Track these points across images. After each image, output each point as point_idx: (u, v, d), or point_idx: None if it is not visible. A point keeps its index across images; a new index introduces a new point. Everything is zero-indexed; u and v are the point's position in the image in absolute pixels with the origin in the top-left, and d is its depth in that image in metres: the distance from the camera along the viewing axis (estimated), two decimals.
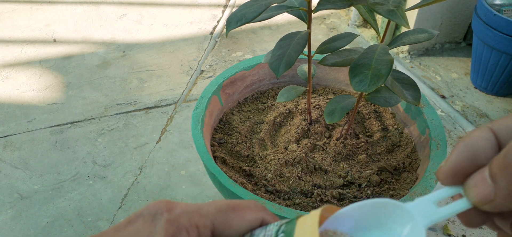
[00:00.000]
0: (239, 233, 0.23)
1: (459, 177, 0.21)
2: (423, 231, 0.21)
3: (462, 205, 0.21)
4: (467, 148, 0.20)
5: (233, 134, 0.77)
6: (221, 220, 0.23)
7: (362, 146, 0.73)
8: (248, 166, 0.71)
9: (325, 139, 0.74)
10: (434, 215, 0.21)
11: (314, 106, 0.79)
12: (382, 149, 0.74)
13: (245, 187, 0.65)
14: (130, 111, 1.24)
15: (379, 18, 1.50)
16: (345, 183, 0.68)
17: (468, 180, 0.20)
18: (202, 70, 1.41)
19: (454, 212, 0.21)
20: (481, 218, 0.21)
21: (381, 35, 0.87)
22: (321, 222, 0.22)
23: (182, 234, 0.22)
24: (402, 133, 0.77)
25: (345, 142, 0.72)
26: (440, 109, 1.24)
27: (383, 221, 0.23)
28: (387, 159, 0.72)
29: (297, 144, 0.72)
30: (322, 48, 0.61)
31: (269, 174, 0.67)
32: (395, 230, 0.22)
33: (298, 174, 0.68)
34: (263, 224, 0.24)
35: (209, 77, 1.38)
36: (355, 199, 0.65)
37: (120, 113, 1.24)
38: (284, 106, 0.81)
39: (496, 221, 0.22)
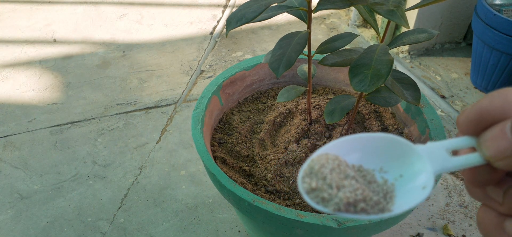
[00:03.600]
0: None
1: (482, 125, 0.19)
2: (432, 178, 0.20)
3: (475, 159, 0.20)
4: (501, 96, 0.18)
5: (233, 134, 0.77)
6: None
7: None
8: (248, 166, 0.71)
9: (325, 139, 0.74)
10: (446, 163, 0.20)
11: (314, 106, 0.79)
12: None
13: (245, 187, 0.65)
14: (130, 111, 1.24)
15: (379, 18, 1.50)
16: None
17: (485, 132, 0.19)
18: (202, 70, 1.41)
19: (466, 165, 0.20)
20: (488, 177, 0.20)
21: (381, 35, 0.87)
22: None
23: None
24: (402, 133, 0.77)
25: None
26: (440, 109, 1.24)
27: (390, 158, 0.21)
28: None
29: (297, 144, 0.72)
30: (322, 48, 0.61)
31: (269, 174, 0.67)
32: (402, 171, 0.21)
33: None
34: None
35: (209, 77, 1.38)
36: None
37: (120, 113, 1.24)
38: (284, 106, 0.81)
39: (489, 190, 0.21)
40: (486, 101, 0.19)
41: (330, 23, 1.69)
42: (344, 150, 0.22)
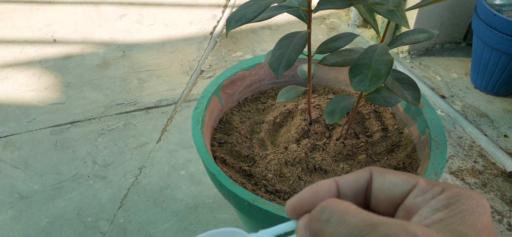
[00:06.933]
0: None
1: (298, 214, 0.24)
2: None
3: None
4: (311, 190, 0.23)
5: (233, 134, 0.77)
6: None
7: (362, 146, 0.73)
8: (248, 166, 0.71)
9: (325, 139, 0.74)
10: None
11: (314, 106, 0.79)
12: (382, 149, 0.74)
13: (245, 187, 0.65)
14: (130, 111, 1.24)
15: (379, 18, 1.50)
16: None
17: (297, 221, 0.24)
18: (202, 70, 1.41)
19: None
20: None
21: (381, 35, 0.87)
22: None
23: None
24: (402, 133, 0.77)
25: (345, 142, 0.72)
26: (440, 109, 1.24)
27: None
28: (387, 159, 0.72)
29: (297, 144, 0.72)
30: (322, 48, 0.61)
31: (269, 174, 0.67)
32: None
33: (298, 174, 0.68)
34: None
35: (209, 77, 1.38)
36: None
37: (120, 113, 1.24)
38: (284, 106, 0.81)
39: None
40: (298, 196, 0.23)
41: (330, 23, 1.69)
42: None
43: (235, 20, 0.48)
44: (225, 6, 1.78)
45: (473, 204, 0.20)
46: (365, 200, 0.24)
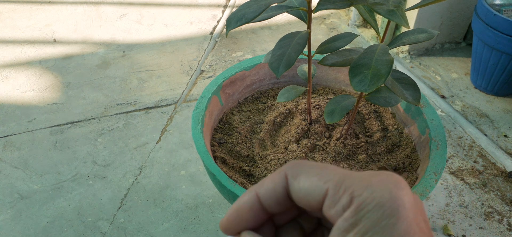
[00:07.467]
0: None
1: (231, 232, 0.24)
2: None
3: None
4: (234, 212, 0.24)
5: (233, 134, 0.77)
6: None
7: (362, 146, 0.73)
8: (248, 166, 0.71)
9: (325, 139, 0.74)
10: None
11: (314, 106, 0.79)
12: (382, 149, 0.74)
13: (245, 187, 0.65)
14: (130, 111, 1.24)
15: (379, 18, 1.50)
16: None
17: None
18: (202, 70, 1.41)
19: None
20: None
21: (381, 35, 0.87)
22: None
23: None
24: (402, 133, 0.77)
25: (345, 142, 0.72)
26: (440, 109, 1.24)
27: None
28: (387, 159, 0.72)
29: (297, 144, 0.72)
30: (322, 48, 0.61)
31: (269, 174, 0.67)
32: None
33: None
34: None
35: (209, 77, 1.38)
36: None
37: (120, 113, 1.24)
38: (284, 106, 0.81)
39: None
40: (225, 217, 0.24)
41: (330, 23, 1.69)
42: None
43: (235, 20, 0.48)
44: (225, 6, 1.78)
45: (380, 215, 0.18)
46: (291, 200, 0.23)
